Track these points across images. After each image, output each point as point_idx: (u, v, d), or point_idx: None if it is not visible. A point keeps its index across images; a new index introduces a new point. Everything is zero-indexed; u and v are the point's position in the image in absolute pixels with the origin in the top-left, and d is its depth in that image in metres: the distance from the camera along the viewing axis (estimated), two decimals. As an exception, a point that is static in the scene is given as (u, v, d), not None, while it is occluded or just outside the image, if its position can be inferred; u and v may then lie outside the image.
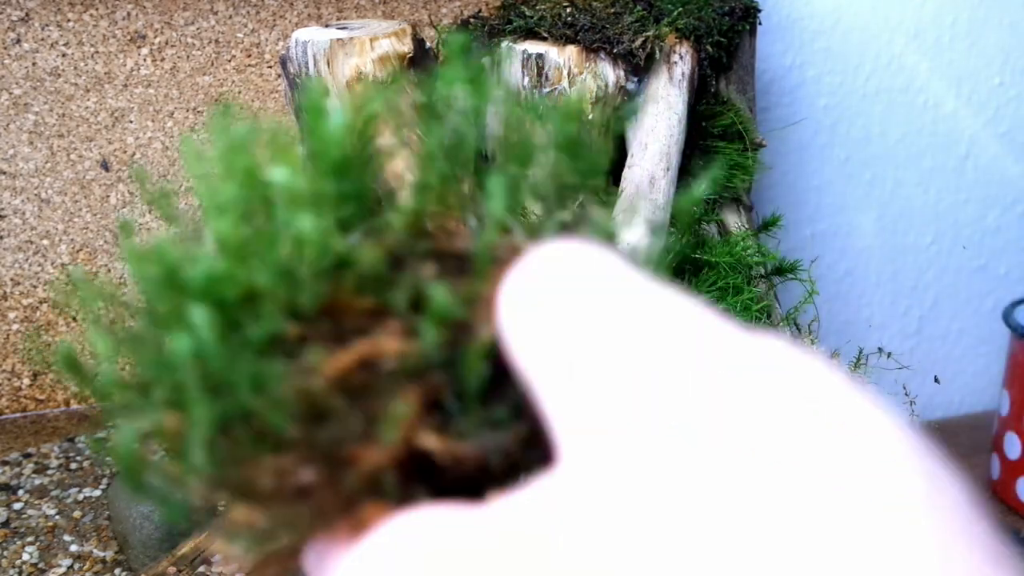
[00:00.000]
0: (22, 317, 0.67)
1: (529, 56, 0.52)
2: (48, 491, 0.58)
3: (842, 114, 0.78)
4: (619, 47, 0.52)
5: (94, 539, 0.53)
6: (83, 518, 0.55)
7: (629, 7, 0.55)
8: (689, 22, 0.54)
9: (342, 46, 0.50)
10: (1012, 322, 0.73)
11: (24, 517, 0.55)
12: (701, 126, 0.56)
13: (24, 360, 0.68)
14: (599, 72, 0.52)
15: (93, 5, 0.63)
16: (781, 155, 0.77)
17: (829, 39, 0.75)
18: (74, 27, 0.63)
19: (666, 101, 0.53)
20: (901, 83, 0.78)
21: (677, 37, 0.54)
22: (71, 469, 0.60)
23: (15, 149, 0.65)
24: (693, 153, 0.56)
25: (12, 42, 0.63)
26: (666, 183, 0.52)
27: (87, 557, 0.52)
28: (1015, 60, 0.80)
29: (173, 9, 0.64)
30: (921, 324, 0.87)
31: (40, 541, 0.53)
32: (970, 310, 0.88)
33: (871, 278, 0.84)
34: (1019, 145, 0.83)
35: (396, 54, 0.51)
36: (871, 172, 0.81)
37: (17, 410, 0.68)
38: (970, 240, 0.85)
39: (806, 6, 0.74)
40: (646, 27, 0.53)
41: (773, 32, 0.73)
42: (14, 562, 0.51)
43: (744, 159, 0.58)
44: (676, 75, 0.53)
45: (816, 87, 0.76)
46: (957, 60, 0.79)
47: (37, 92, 0.64)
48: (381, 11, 0.68)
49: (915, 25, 0.77)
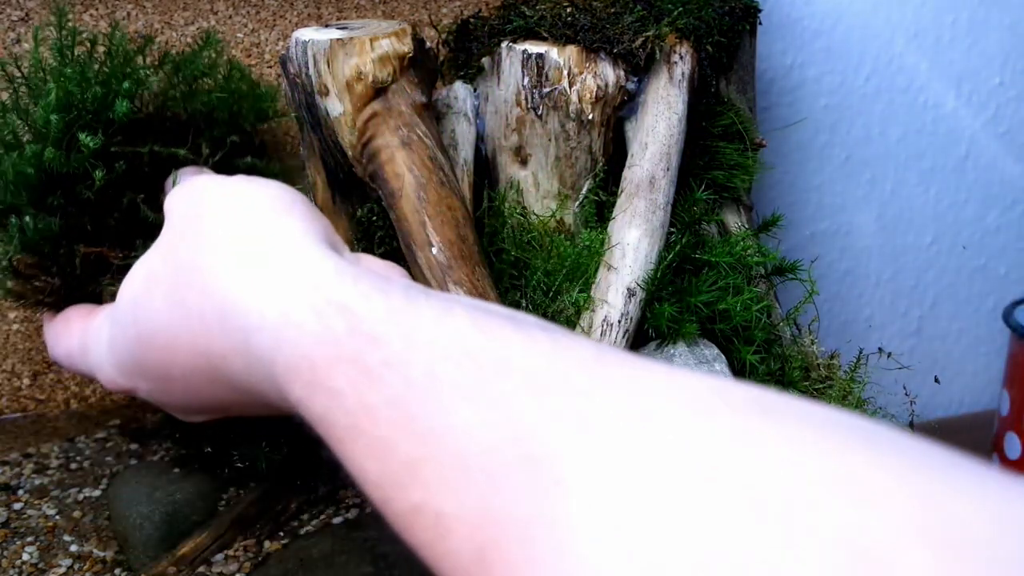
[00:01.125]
0: (22, 317, 0.67)
1: (529, 56, 0.52)
2: (48, 491, 0.58)
3: (842, 114, 0.78)
4: (619, 47, 0.52)
5: (94, 539, 0.53)
6: (83, 518, 0.55)
7: (629, 7, 0.55)
8: (689, 22, 0.54)
9: (342, 46, 0.50)
10: (1012, 322, 0.73)
11: (24, 517, 0.55)
12: (701, 126, 0.56)
13: (24, 360, 0.68)
14: (599, 72, 0.52)
15: (93, 5, 0.63)
16: (781, 155, 0.77)
17: (829, 39, 0.75)
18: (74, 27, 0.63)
19: (666, 101, 0.53)
20: (901, 83, 0.78)
21: (677, 37, 0.54)
22: (71, 469, 0.60)
23: (15, 149, 0.65)
24: (693, 153, 0.56)
25: (12, 42, 0.63)
26: (666, 183, 0.52)
27: (87, 557, 0.52)
28: (1015, 60, 0.80)
29: (173, 9, 0.65)
30: (921, 324, 0.87)
31: (40, 541, 0.53)
32: (970, 310, 0.88)
33: (871, 278, 0.84)
34: (1019, 145, 0.83)
35: (396, 54, 0.51)
36: (871, 172, 0.81)
37: (17, 410, 0.68)
38: (970, 240, 0.85)
39: (806, 6, 0.74)
40: (646, 27, 0.53)
41: (773, 32, 0.73)
42: (14, 562, 0.51)
43: (744, 159, 0.58)
44: (676, 75, 0.53)
45: (816, 87, 0.76)
46: (957, 60, 0.79)
47: (37, 92, 0.64)
48: (381, 11, 0.68)
49: (915, 25, 0.77)
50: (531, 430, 0.22)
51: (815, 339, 0.58)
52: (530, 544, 0.20)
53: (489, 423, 0.22)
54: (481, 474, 0.22)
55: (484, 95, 0.56)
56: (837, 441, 0.19)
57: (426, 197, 0.49)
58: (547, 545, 0.19)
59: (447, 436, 0.23)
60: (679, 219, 0.54)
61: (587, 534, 0.19)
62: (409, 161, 0.50)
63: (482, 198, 0.56)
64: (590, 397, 0.22)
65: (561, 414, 0.22)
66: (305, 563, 0.50)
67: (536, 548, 0.20)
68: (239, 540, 0.52)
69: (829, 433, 0.19)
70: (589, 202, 0.55)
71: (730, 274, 0.53)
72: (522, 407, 0.22)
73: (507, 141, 0.55)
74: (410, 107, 0.51)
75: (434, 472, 0.23)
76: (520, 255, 0.54)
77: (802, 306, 0.58)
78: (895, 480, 0.17)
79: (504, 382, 0.23)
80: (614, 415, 0.21)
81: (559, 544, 0.19)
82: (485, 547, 0.21)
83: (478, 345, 0.25)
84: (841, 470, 0.17)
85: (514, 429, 0.22)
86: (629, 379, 0.23)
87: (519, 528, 0.20)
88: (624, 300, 0.49)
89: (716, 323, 0.52)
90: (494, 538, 0.21)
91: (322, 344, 0.28)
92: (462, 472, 0.22)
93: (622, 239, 0.51)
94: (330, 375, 0.27)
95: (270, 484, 0.55)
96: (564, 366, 0.24)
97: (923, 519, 0.16)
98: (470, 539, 0.21)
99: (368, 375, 0.26)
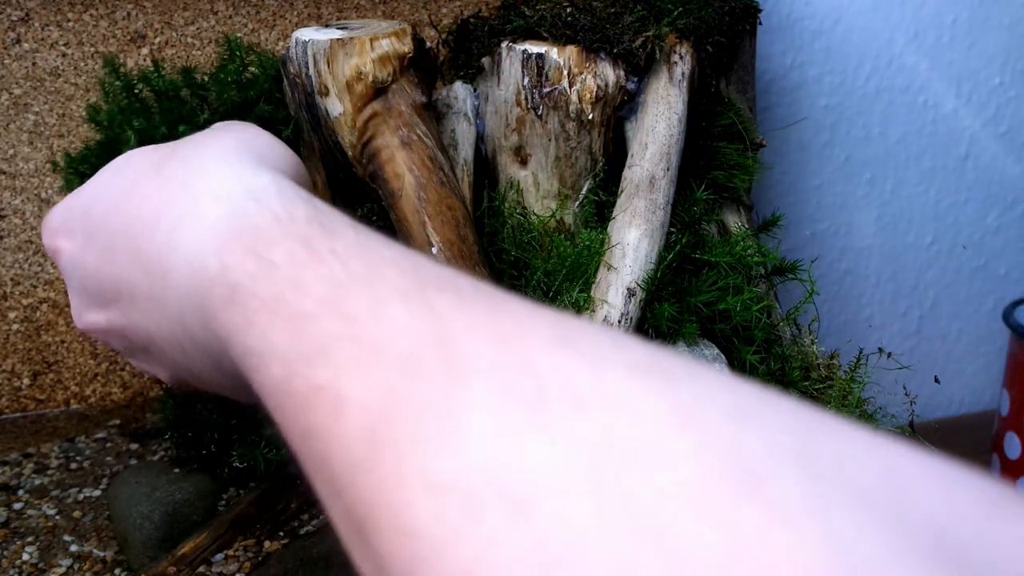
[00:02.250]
0: (22, 317, 0.67)
1: (529, 56, 0.52)
2: (48, 491, 0.58)
3: (842, 114, 0.78)
4: (619, 47, 0.52)
5: (94, 539, 0.53)
6: (83, 518, 0.55)
7: (629, 7, 0.55)
8: (689, 22, 0.54)
9: (342, 46, 0.50)
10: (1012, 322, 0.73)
11: (24, 517, 0.55)
12: (701, 126, 0.56)
13: (24, 360, 0.68)
14: (599, 72, 0.52)
15: (93, 5, 0.63)
16: (781, 155, 0.77)
17: (829, 39, 0.75)
18: (74, 27, 0.63)
19: (666, 101, 0.53)
20: (901, 83, 0.78)
21: (677, 37, 0.54)
22: (71, 469, 0.60)
23: (15, 149, 0.64)
24: (693, 153, 0.56)
25: (12, 42, 0.63)
26: (666, 183, 0.52)
27: (87, 557, 0.52)
28: (1015, 60, 0.80)
29: (173, 9, 0.64)
30: (921, 324, 0.87)
31: (40, 541, 0.53)
32: (970, 310, 0.88)
33: (871, 278, 0.84)
34: (1019, 145, 0.83)
35: (396, 54, 0.51)
36: (871, 172, 0.81)
37: (17, 410, 0.68)
38: (970, 240, 0.85)
39: (806, 6, 0.74)
40: (646, 27, 0.53)
41: (773, 32, 0.73)
42: (14, 562, 0.51)
43: (744, 159, 0.58)
44: (676, 75, 0.53)
45: (816, 87, 0.76)
46: (957, 60, 0.79)
47: (37, 92, 0.64)
48: (381, 11, 0.68)
49: (915, 25, 0.77)
50: (454, 338, 0.23)
51: (815, 339, 0.58)
52: (422, 424, 0.21)
53: (417, 324, 0.24)
54: (395, 363, 0.23)
55: (484, 95, 0.56)
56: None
57: (426, 197, 0.49)
58: (439, 427, 0.21)
59: (372, 323, 0.24)
60: (679, 219, 0.54)
61: (479, 423, 0.20)
62: (409, 161, 0.50)
63: (482, 198, 0.56)
64: (517, 324, 0.24)
65: (481, 330, 0.23)
66: (305, 563, 0.50)
67: (427, 428, 0.21)
68: (239, 540, 0.52)
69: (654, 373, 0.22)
70: (589, 202, 0.55)
71: (730, 274, 0.53)
72: (451, 318, 0.24)
73: (507, 141, 0.55)
74: (410, 107, 0.51)
75: (348, 353, 0.24)
76: (520, 255, 0.54)
77: (802, 306, 0.58)
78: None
79: (441, 296, 0.25)
80: (528, 336, 0.23)
81: (450, 427, 0.21)
82: (377, 426, 0.22)
83: (424, 265, 0.27)
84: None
85: (439, 334, 0.23)
86: (554, 320, 0.25)
87: (415, 409, 0.21)
88: (624, 300, 0.49)
89: (716, 323, 0.52)
90: (388, 418, 0.22)
91: (278, 221, 0.30)
92: (376, 357, 0.23)
93: (622, 239, 0.51)
94: (271, 249, 0.29)
95: (270, 484, 0.55)
96: (498, 298, 0.25)
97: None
98: (364, 419, 0.22)
99: (312, 255, 0.28)
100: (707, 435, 0.19)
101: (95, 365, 0.69)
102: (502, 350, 0.22)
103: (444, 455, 0.20)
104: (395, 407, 0.22)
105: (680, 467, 0.18)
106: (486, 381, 0.22)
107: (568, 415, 0.20)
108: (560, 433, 0.20)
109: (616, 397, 0.20)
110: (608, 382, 0.21)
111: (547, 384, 0.21)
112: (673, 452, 0.19)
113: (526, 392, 0.21)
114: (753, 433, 0.19)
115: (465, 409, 0.21)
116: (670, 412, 0.20)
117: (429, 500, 0.20)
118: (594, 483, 0.18)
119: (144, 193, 0.36)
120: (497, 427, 0.20)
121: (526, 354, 0.22)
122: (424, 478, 0.20)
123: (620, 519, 0.18)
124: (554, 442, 0.20)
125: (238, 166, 0.35)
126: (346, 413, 0.23)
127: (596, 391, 0.21)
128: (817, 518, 0.17)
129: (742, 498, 0.17)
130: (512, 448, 0.20)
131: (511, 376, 0.21)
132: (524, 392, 0.21)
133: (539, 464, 0.19)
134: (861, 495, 0.18)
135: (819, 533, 0.17)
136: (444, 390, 0.22)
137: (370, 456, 0.22)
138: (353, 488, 0.22)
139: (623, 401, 0.20)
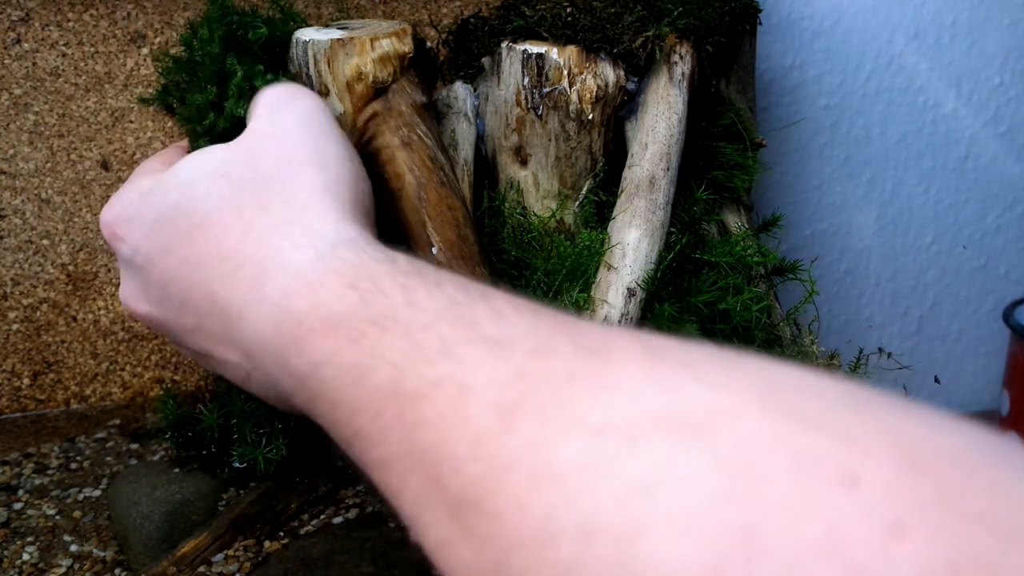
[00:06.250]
0: (22, 317, 0.67)
1: (529, 56, 0.52)
2: (48, 491, 0.58)
3: (842, 114, 0.78)
4: (619, 47, 0.52)
5: (94, 539, 0.53)
6: (83, 518, 0.55)
7: (629, 7, 0.55)
8: (689, 22, 0.54)
9: (342, 46, 0.50)
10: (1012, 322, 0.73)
11: (24, 517, 0.55)
12: (701, 126, 0.56)
13: (24, 360, 0.68)
14: (599, 72, 0.52)
15: (93, 5, 0.63)
16: (781, 155, 0.77)
17: (829, 39, 0.75)
18: (74, 27, 0.63)
19: (666, 101, 0.53)
20: (901, 83, 0.78)
21: (677, 37, 0.54)
22: (71, 469, 0.60)
23: (15, 149, 0.65)
24: (693, 153, 0.56)
25: (12, 42, 0.63)
26: (666, 183, 0.52)
27: (87, 557, 0.52)
28: (1015, 60, 0.80)
29: (173, 9, 0.65)
30: (921, 324, 0.87)
31: (40, 541, 0.53)
32: (970, 310, 0.88)
33: (871, 278, 0.84)
34: (1019, 145, 0.83)
35: (396, 54, 0.51)
36: (871, 172, 0.81)
37: (17, 410, 0.68)
38: (970, 240, 0.85)
39: (806, 6, 0.74)
40: (646, 27, 0.53)
41: (773, 32, 0.73)
42: (14, 562, 0.51)
43: (744, 159, 0.58)
44: (676, 75, 0.53)
45: (816, 87, 0.76)
46: (957, 60, 0.79)
47: (37, 92, 0.64)
48: (381, 11, 0.68)
49: (915, 25, 0.77)
50: (583, 332, 0.26)
51: (815, 339, 0.58)
52: (568, 386, 0.23)
53: (542, 326, 0.27)
54: (525, 353, 0.26)
55: (484, 95, 0.56)
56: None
57: (426, 197, 0.49)
58: (586, 387, 0.23)
59: (495, 327, 0.27)
60: (679, 219, 0.54)
61: (631, 376, 0.23)
62: (409, 161, 0.50)
63: (482, 198, 0.56)
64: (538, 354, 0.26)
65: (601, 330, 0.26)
66: (305, 563, 0.50)
67: (573, 389, 0.23)
68: (239, 540, 0.52)
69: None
70: (589, 202, 0.55)
71: (730, 274, 0.53)
72: (574, 323, 0.27)
73: (507, 141, 0.55)
74: (410, 107, 0.51)
75: (475, 351, 0.27)
76: (520, 255, 0.54)
77: (802, 306, 0.58)
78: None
79: (554, 310, 0.28)
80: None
81: (600, 385, 0.23)
82: (509, 398, 0.24)
83: (522, 299, 0.30)
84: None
85: (569, 332, 0.26)
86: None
87: (556, 378, 0.24)
88: (624, 300, 0.49)
89: (716, 323, 0.52)
90: (524, 391, 0.24)
91: (379, 263, 0.33)
92: (505, 351, 0.26)
93: (622, 239, 0.51)
94: (378, 281, 0.32)
95: (270, 484, 0.55)
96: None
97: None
98: (492, 396, 0.25)
99: (423, 282, 0.31)
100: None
101: (95, 365, 0.69)
102: (631, 340, 0.25)
103: (598, 405, 0.22)
104: (529, 382, 0.24)
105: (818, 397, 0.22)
106: (626, 355, 0.24)
107: (713, 366, 0.22)
108: (710, 378, 0.22)
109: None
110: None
111: (691, 358, 0.23)
112: (815, 386, 0.22)
113: (670, 360, 0.23)
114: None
115: (615, 368, 0.23)
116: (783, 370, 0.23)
117: (583, 442, 0.21)
118: (761, 404, 0.20)
119: (220, 236, 0.37)
120: (650, 378, 0.22)
121: (651, 340, 0.24)
122: (578, 425, 0.22)
123: (793, 430, 0.20)
124: (710, 384, 0.21)
125: (320, 215, 0.37)
126: (471, 395, 0.25)
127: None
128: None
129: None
130: (669, 391, 0.21)
131: (651, 349, 0.24)
132: (669, 359, 0.23)
133: (699, 398, 0.21)
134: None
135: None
136: (586, 362, 0.24)
137: (502, 423, 0.23)
138: (473, 462, 0.23)
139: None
